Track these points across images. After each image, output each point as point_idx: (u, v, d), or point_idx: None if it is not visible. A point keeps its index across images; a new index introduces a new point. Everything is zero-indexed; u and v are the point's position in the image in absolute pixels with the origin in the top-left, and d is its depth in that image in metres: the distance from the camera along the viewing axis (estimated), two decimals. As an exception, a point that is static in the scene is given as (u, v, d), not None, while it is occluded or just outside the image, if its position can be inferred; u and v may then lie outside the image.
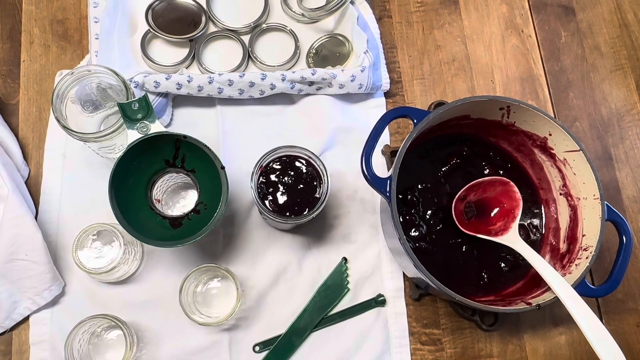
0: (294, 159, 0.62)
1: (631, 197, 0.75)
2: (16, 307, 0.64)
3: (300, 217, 0.60)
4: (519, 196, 0.63)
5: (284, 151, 0.62)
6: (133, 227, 0.58)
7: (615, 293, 0.68)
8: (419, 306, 0.69)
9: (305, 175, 0.62)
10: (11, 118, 0.73)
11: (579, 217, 0.63)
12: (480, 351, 0.68)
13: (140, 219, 0.59)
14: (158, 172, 0.62)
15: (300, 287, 0.68)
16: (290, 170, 0.62)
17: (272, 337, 0.66)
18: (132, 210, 0.59)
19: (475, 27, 0.81)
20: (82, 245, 0.64)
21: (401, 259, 0.65)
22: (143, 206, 0.61)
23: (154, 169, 0.62)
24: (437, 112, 0.60)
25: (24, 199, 0.65)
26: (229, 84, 0.69)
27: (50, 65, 0.75)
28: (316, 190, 0.62)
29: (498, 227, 0.64)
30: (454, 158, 0.69)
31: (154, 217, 0.61)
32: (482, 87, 0.78)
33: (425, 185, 0.68)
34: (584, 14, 0.83)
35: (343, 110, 0.74)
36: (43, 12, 0.77)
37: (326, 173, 0.61)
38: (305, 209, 0.61)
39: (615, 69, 0.80)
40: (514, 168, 0.70)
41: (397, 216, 0.56)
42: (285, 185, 0.62)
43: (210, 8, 0.76)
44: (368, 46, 0.72)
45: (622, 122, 0.78)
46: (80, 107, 0.65)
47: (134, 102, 0.59)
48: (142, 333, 0.65)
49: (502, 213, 0.65)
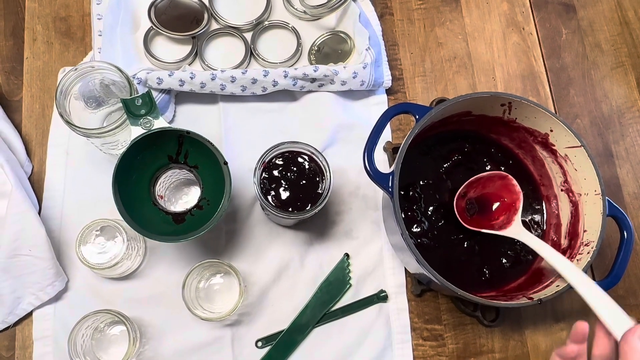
0: (297, 154, 0.63)
1: (632, 193, 0.75)
2: (19, 302, 0.64)
3: (302, 213, 0.61)
4: (519, 189, 0.64)
5: (286, 147, 0.62)
6: (137, 223, 0.58)
7: (616, 289, 0.69)
8: (420, 302, 0.69)
9: (307, 171, 0.62)
10: (14, 114, 0.73)
11: (580, 213, 0.63)
12: (481, 347, 0.68)
13: (143, 215, 0.60)
14: (161, 168, 0.62)
15: (302, 283, 0.68)
16: (292, 166, 0.62)
17: (275, 332, 0.67)
18: (136, 206, 0.59)
19: (477, 24, 0.81)
20: (85, 240, 0.64)
21: (403, 255, 0.65)
22: (146, 202, 0.61)
23: (157, 165, 0.62)
24: (439, 109, 0.60)
25: (28, 195, 0.66)
26: (232, 81, 0.69)
27: (53, 62, 0.75)
28: (319, 186, 0.62)
29: (501, 221, 0.64)
30: (456, 154, 0.69)
31: (157, 213, 0.61)
32: (484, 84, 0.79)
33: (427, 181, 0.68)
34: (584, 12, 0.83)
35: (345, 107, 0.74)
36: (46, 9, 0.77)
37: (329, 169, 0.61)
38: (308, 204, 0.61)
39: (616, 67, 0.80)
40: (515, 164, 0.70)
41: (400, 212, 0.57)
42: (288, 181, 0.62)
43: (212, 5, 0.76)
44: (370, 43, 0.73)
45: (622, 119, 0.78)
46: (83, 103, 0.65)
47: (137, 97, 0.59)
48: (145, 328, 0.65)
49: (503, 207, 0.65)
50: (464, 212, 0.66)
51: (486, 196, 0.67)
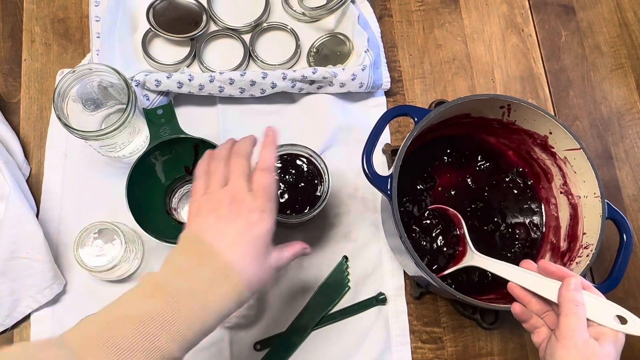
0: (295, 157, 0.63)
1: (631, 195, 0.75)
2: (17, 305, 0.64)
3: (301, 216, 0.60)
4: (459, 216, 0.63)
5: (285, 149, 0.62)
6: (149, 229, 0.58)
7: (616, 291, 0.68)
8: (419, 304, 0.69)
9: (306, 173, 0.62)
10: (12, 117, 0.73)
11: (580, 216, 0.63)
12: (481, 349, 0.68)
13: (157, 222, 0.60)
14: (178, 179, 0.62)
15: (300, 286, 0.68)
16: (291, 169, 0.62)
17: (273, 335, 0.66)
18: (148, 214, 0.60)
19: (476, 26, 0.81)
20: (83, 243, 0.64)
21: (402, 257, 0.65)
22: (160, 210, 0.62)
23: (174, 176, 0.63)
24: (438, 111, 0.60)
25: (25, 197, 0.66)
26: (230, 83, 0.69)
27: (51, 64, 0.75)
28: (317, 189, 0.62)
29: (462, 252, 0.63)
30: (454, 157, 0.69)
31: (169, 221, 0.61)
32: (483, 86, 0.79)
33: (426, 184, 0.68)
34: (584, 13, 0.83)
35: (344, 109, 0.74)
36: (44, 11, 0.77)
37: (327, 171, 0.61)
38: (307, 207, 0.61)
39: (616, 68, 0.80)
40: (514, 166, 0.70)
41: (398, 214, 0.56)
42: (286, 184, 0.62)
43: (211, 7, 0.76)
44: (369, 45, 0.73)
45: (622, 121, 0.78)
46: (81, 105, 0.65)
47: (159, 107, 0.62)
48: (143, 331, 0.65)
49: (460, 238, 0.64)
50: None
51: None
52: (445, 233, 0.66)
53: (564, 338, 0.47)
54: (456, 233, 0.65)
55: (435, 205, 0.66)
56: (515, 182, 0.69)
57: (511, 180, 0.70)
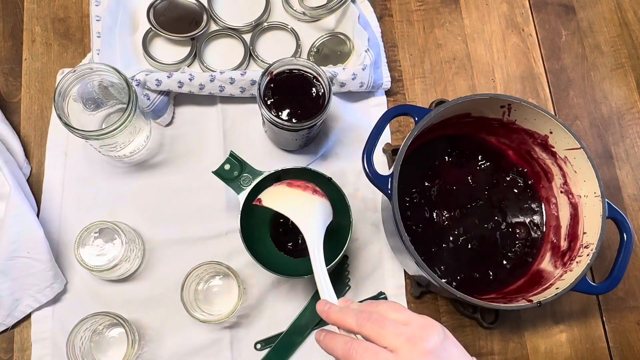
0: (301, 73, 0.64)
1: (632, 195, 0.75)
2: (18, 304, 0.64)
3: (306, 122, 0.61)
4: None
5: (292, 65, 0.64)
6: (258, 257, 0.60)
7: (616, 291, 0.69)
8: (420, 304, 0.69)
9: (310, 88, 0.64)
10: (13, 116, 0.73)
11: (580, 215, 0.63)
12: (481, 349, 0.68)
13: (263, 250, 0.64)
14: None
15: (301, 285, 0.68)
16: (296, 83, 0.64)
17: (273, 334, 0.66)
18: (256, 244, 0.62)
19: (476, 25, 0.81)
20: (83, 242, 0.64)
21: (402, 257, 0.65)
22: (266, 239, 0.67)
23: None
24: (438, 110, 0.60)
25: (26, 196, 0.66)
26: (231, 82, 0.69)
27: (51, 64, 0.75)
28: (320, 105, 0.63)
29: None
30: (455, 156, 0.69)
31: (274, 248, 0.67)
32: (483, 85, 0.79)
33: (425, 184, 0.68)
34: (584, 13, 0.83)
35: (344, 108, 0.74)
36: (45, 11, 0.77)
37: (328, 82, 0.62)
38: (309, 118, 0.62)
39: (616, 68, 0.80)
40: (514, 165, 0.70)
41: (399, 214, 0.56)
42: (291, 94, 0.63)
43: (211, 6, 0.76)
44: (369, 45, 0.73)
45: (622, 121, 0.78)
46: (82, 105, 0.65)
47: (223, 164, 0.61)
48: (144, 331, 0.65)
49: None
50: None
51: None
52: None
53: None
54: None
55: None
56: (515, 182, 0.70)
57: (511, 179, 0.70)
